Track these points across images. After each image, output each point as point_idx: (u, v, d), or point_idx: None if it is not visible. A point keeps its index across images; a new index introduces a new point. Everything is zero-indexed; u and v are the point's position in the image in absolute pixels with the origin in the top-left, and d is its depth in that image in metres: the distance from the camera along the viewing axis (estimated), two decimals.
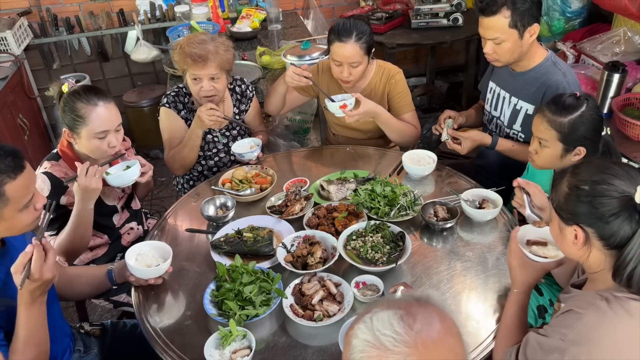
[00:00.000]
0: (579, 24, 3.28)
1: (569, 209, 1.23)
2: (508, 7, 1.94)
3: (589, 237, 1.22)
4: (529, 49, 2.05)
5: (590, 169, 1.24)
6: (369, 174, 2.12)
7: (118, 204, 2.08)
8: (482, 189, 1.95)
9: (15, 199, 1.31)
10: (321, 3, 4.18)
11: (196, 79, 2.19)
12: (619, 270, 1.18)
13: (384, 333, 0.85)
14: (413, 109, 2.41)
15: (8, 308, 1.40)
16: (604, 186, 1.18)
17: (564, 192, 1.25)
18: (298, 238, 1.78)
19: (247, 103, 2.47)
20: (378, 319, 0.87)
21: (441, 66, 4.61)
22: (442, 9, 3.47)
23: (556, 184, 1.29)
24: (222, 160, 2.47)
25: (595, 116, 1.71)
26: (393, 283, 1.62)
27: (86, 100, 1.81)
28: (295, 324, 1.50)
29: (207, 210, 1.97)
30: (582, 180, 1.22)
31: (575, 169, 1.27)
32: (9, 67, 3.32)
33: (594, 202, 1.18)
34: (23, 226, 1.39)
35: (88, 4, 3.82)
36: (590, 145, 1.72)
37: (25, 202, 1.35)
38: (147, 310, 1.62)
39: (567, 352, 1.17)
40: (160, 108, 2.36)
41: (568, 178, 1.26)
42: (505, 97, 2.22)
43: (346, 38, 2.18)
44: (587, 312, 1.18)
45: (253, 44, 3.46)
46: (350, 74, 2.24)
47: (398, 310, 0.88)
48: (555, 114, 1.74)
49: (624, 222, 1.16)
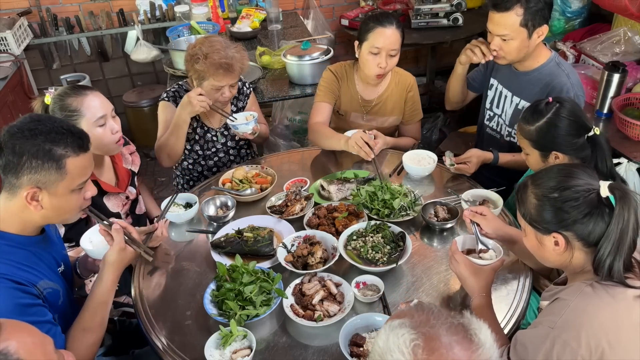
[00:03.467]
0: (579, 24, 3.28)
1: (543, 219, 1.26)
2: (522, 5, 1.94)
3: (569, 241, 1.25)
4: (534, 50, 2.05)
5: (550, 176, 1.27)
6: (369, 174, 2.12)
7: (122, 210, 2.06)
8: (482, 189, 1.95)
9: (72, 175, 1.36)
10: (321, 3, 4.18)
11: (219, 88, 2.16)
12: (599, 264, 1.21)
13: (391, 352, 0.84)
14: (422, 117, 2.47)
15: (53, 291, 1.44)
16: (569, 190, 1.22)
17: (533, 204, 1.28)
18: (298, 238, 1.78)
19: (244, 100, 2.46)
20: (396, 335, 0.85)
21: (441, 66, 4.60)
22: (442, 9, 3.47)
23: (522, 198, 1.31)
24: (222, 160, 2.46)
25: (566, 120, 1.69)
26: (393, 283, 1.63)
27: (74, 94, 1.81)
28: (295, 324, 1.50)
29: (207, 210, 1.97)
30: (548, 188, 1.26)
31: (535, 179, 1.31)
32: (8, 67, 3.31)
33: (565, 207, 1.22)
34: (68, 209, 1.43)
35: (88, 4, 3.82)
36: (567, 149, 1.71)
37: (79, 183, 1.40)
38: (148, 310, 1.62)
39: (557, 339, 1.18)
40: (160, 102, 2.34)
41: (532, 190, 1.29)
42: (508, 95, 2.22)
43: (389, 24, 2.17)
44: (573, 298, 1.21)
45: (253, 44, 3.46)
46: (387, 64, 2.21)
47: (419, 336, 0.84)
48: (523, 122, 1.78)
49: (598, 218, 1.20)
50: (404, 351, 0.83)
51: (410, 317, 0.88)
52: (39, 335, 0.99)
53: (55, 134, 1.34)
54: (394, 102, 2.41)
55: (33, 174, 1.31)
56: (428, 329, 0.85)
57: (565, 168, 1.29)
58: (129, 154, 2.17)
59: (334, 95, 2.42)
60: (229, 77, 2.14)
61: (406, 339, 0.84)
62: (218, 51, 2.11)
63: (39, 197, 1.35)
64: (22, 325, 0.99)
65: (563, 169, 1.28)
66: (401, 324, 0.87)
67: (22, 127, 1.33)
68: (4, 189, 1.37)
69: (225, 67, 2.10)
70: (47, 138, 1.32)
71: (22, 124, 1.33)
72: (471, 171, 2.07)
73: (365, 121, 2.46)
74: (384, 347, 0.85)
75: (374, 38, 2.19)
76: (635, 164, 2.16)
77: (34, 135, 1.32)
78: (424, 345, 0.83)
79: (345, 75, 2.42)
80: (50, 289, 1.44)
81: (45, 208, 1.37)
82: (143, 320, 1.59)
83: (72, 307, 1.56)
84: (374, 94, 2.41)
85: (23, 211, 1.37)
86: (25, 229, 1.41)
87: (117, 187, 2.04)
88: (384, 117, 2.44)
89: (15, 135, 1.31)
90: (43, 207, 1.37)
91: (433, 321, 0.86)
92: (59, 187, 1.35)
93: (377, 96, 2.40)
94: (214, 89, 2.17)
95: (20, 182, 1.33)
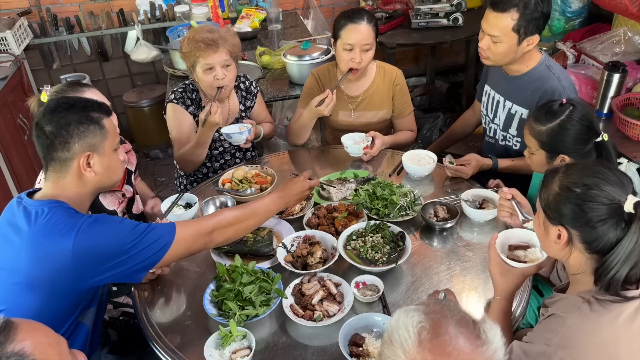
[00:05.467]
0: (579, 24, 3.28)
1: (556, 208, 1.23)
2: (518, 10, 1.93)
3: (572, 239, 1.22)
4: (524, 55, 2.05)
5: (582, 171, 1.23)
6: (369, 174, 2.12)
7: (118, 208, 2.06)
8: (482, 189, 1.95)
9: (112, 133, 1.50)
10: (321, 3, 4.18)
11: (210, 68, 2.16)
12: (601, 276, 1.17)
13: (399, 331, 0.87)
14: (412, 108, 2.45)
15: None
16: (595, 191, 1.17)
17: (554, 191, 1.24)
18: (298, 238, 1.78)
19: (252, 99, 2.47)
20: (407, 315, 0.88)
21: (441, 66, 4.61)
22: (442, 9, 3.47)
23: (547, 182, 1.28)
24: (228, 163, 2.46)
25: (578, 125, 1.68)
26: (393, 283, 1.63)
27: (71, 90, 1.84)
28: (295, 324, 1.50)
29: (207, 210, 1.97)
30: (574, 182, 1.21)
31: (567, 169, 1.26)
32: (9, 67, 3.31)
33: (583, 206, 1.18)
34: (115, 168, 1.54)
35: (88, 4, 3.82)
36: (574, 153, 1.70)
37: (117, 141, 1.54)
38: (147, 310, 1.62)
39: (553, 356, 1.16)
40: (168, 104, 2.32)
41: (560, 177, 1.25)
42: (500, 100, 2.22)
43: (359, 19, 2.20)
44: (569, 315, 1.18)
45: (253, 44, 3.46)
46: (362, 60, 2.23)
47: (427, 320, 0.86)
48: (535, 122, 1.76)
49: (610, 228, 1.16)
50: (410, 330, 0.86)
51: (425, 306, 0.91)
52: (53, 335, 1.00)
53: (85, 101, 1.49)
54: (381, 96, 2.40)
55: (83, 138, 1.42)
56: (438, 316, 0.88)
57: (600, 169, 1.22)
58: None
59: None
60: (217, 53, 2.14)
61: (414, 320, 0.87)
62: (201, 31, 2.17)
63: (91, 163, 1.45)
64: (37, 325, 0.99)
65: (597, 169, 1.22)
66: (415, 309, 0.90)
67: (58, 104, 1.44)
68: (51, 171, 1.45)
69: (209, 42, 2.12)
70: (81, 107, 1.45)
71: (55, 103, 1.45)
72: (469, 173, 2.07)
73: (354, 118, 2.45)
74: (394, 325, 0.88)
75: (345, 35, 2.22)
76: (635, 164, 2.16)
77: (71, 107, 1.44)
78: (429, 328, 0.86)
79: (328, 76, 2.44)
80: None
81: (97, 173, 1.47)
82: (143, 320, 1.59)
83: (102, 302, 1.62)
84: (358, 90, 2.41)
85: (77, 184, 1.46)
86: (82, 204, 1.49)
87: None
88: (372, 111, 2.43)
89: (55, 111, 1.42)
90: (96, 173, 1.46)
91: (446, 312, 0.89)
92: (106, 147, 1.48)
93: (363, 91, 2.40)
94: (207, 71, 2.17)
95: (73, 152, 1.42)
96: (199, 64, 2.17)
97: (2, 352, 0.89)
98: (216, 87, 2.20)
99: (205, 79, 2.19)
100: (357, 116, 2.45)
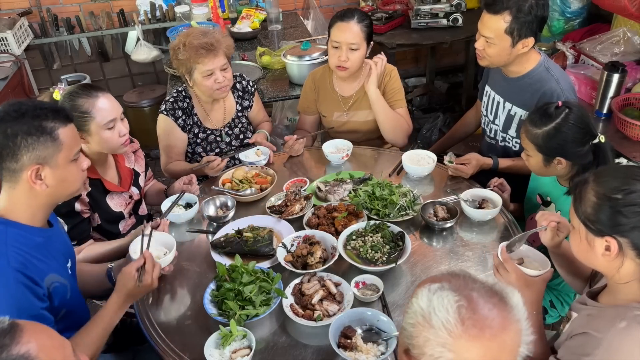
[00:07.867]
0: (579, 24, 3.28)
1: (600, 219, 1.17)
2: (511, 13, 1.93)
3: (622, 248, 1.16)
4: (522, 56, 2.05)
5: (614, 176, 1.19)
6: (365, 174, 2.12)
7: (125, 209, 2.06)
8: (482, 189, 1.95)
9: (67, 144, 1.39)
10: (321, 3, 4.19)
11: (210, 74, 2.15)
12: None
13: (437, 313, 0.87)
14: (405, 105, 2.43)
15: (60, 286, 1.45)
16: (638, 193, 1.14)
17: (591, 202, 1.19)
18: (298, 238, 1.79)
19: (249, 99, 2.47)
20: (439, 296, 0.88)
21: (441, 66, 4.61)
22: (442, 9, 3.47)
23: (580, 194, 1.22)
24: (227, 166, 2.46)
25: (574, 127, 1.68)
26: (393, 283, 1.63)
27: (86, 95, 1.81)
28: (295, 324, 1.50)
29: (207, 210, 1.98)
30: (612, 188, 1.16)
31: (597, 177, 1.22)
32: (9, 67, 3.32)
33: (627, 211, 1.13)
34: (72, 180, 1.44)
35: (88, 4, 3.83)
36: (571, 155, 1.70)
37: (75, 152, 1.43)
38: (147, 310, 1.63)
39: None
40: (159, 115, 2.33)
41: (593, 186, 1.20)
42: (500, 101, 2.22)
43: (348, 19, 2.23)
44: (606, 335, 1.13)
45: (253, 44, 3.46)
46: (348, 59, 2.24)
47: (462, 298, 0.87)
48: (531, 125, 1.76)
49: None
50: (449, 310, 0.86)
51: (447, 281, 0.91)
52: (58, 338, 1.00)
53: (39, 109, 1.37)
54: None
55: (31, 151, 1.33)
56: (469, 291, 0.89)
57: (632, 170, 1.19)
58: (133, 152, 2.17)
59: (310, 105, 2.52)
60: (216, 58, 2.14)
61: (450, 300, 0.87)
62: (196, 36, 2.14)
63: (42, 175, 1.36)
64: (42, 328, 0.99)
65: (631, 170, 1.19)
66: (441, 287, 0.90)
67: (6, 112, 1.34)
68: (4, 181, 1.38)
69: (207, 47, 2.11)
70: (33, 115, 1.35)
71: (4, 110, 1.35)
72: (469, 172, 2.07)
73: (348, 118, 2.45)
74: (428, 307, 0.88)
75: (333, 33, 2.25)
76: (635, 164, 2.16)
77: (20, 115, 1.34)
78: (467, 305, 0.87)
79: (323, 77, 2.45)
80: (58, 283, 1.44)
81: (50, 185, 1.38)
82: (143, 320, 1.59)
83: (80, 304, 1.57)
84: (351, 90, 2.41)
85: (29, 196, 1.38)
86: (34, 217, 1.42)
87: (119, 186, 2.05)
88: (365, 110, 2.42)
89: (2, 120, 1.33)
90: (48, 185, 1.38)
91: (471, 284, 0.91)
92: (59, 159, 1.38)
93: (355, 92, 2.41)
94: (206, 77, 2.16)
95: (21, 164, 1.34)
96: (198, 70, 2.16)
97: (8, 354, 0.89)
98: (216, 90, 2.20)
99: (205, 84, 2.19)
100: (351, 116, 2.45)
